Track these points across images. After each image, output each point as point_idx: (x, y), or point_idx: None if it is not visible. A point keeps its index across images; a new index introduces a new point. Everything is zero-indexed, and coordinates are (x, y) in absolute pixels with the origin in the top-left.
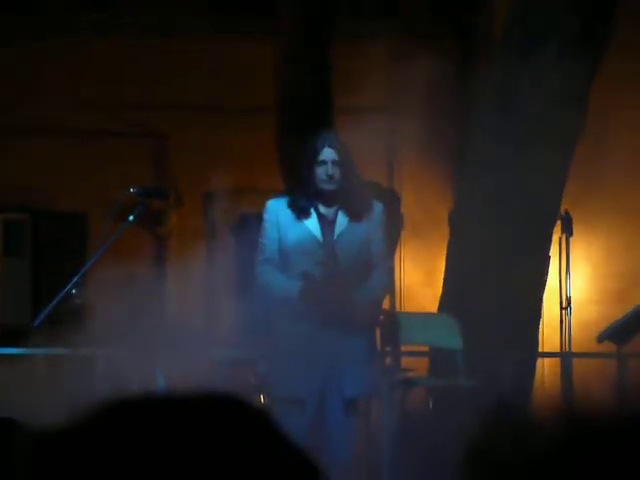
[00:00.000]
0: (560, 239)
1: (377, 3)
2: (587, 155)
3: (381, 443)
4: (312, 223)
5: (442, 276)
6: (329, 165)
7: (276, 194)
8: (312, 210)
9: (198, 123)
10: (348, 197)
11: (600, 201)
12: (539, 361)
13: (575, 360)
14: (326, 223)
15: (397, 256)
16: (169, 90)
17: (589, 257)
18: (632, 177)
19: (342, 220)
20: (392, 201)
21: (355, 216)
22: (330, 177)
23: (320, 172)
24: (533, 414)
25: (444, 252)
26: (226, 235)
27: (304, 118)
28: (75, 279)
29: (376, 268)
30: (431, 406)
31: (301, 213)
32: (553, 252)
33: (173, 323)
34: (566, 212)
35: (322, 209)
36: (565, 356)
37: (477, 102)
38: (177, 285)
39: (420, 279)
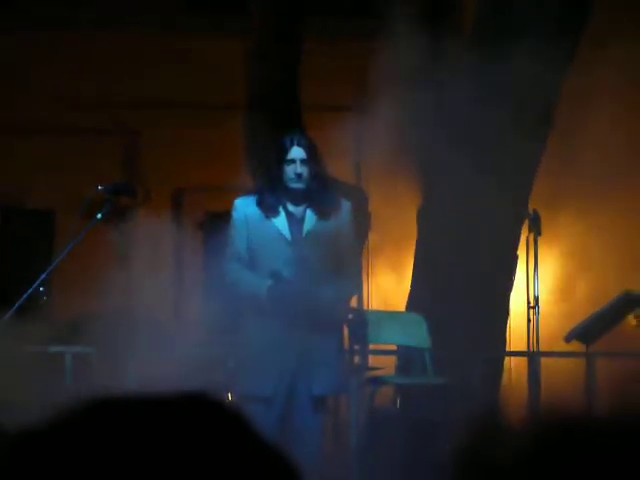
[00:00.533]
0: (527, 238)
1: (345, 2)
2: (556, 152)
3: (350, 441)
4: (280, 221)
5: (410, 275)
6: (297, 164)
7: (245, 192)
8: (280, 209)
9: (169, 120)
10: (316, 196)
11: (569, 200)
12: (506, 360)
13: (543, 359)
14: (294, 221)
15: (365, 255)
16: (141, 86)
17: (557, 256)
18: (602, 175)
19: (310, 218)
20: (360, 200)
21: (323, 214)
22: (298, 175)
23: (288, 171)
24: (501, 413)
25: (412, 251)
26: (194, 232)
27: (273, 115)
28: (42, 277)
29: (345, 268)
30: (399, 404)
31: (269, 211)
32: (520, 251)
33: (141, 321)
34: (534, 211)
35: (290, 207)
36: (533, 355)
37: (446, 94)
38: (144, 283)
39: (389, 278)
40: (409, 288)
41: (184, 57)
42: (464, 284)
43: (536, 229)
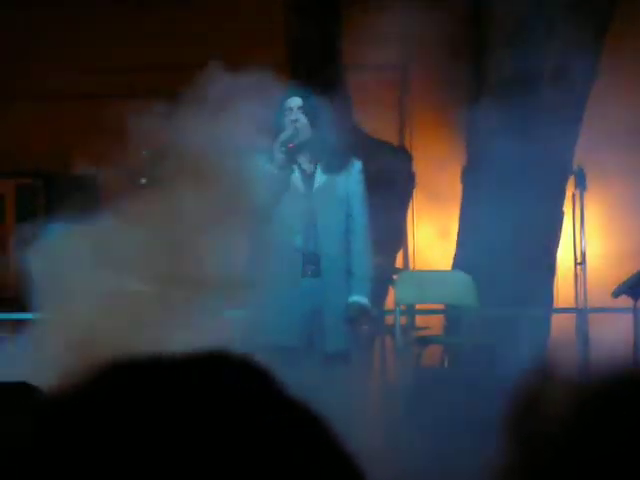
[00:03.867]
0: (574, 194)
1: None
2: (599, 107)
3: (398, 401)
4: (294, 176)
5: (456, 234)
6: (294, 110)
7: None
8: (293, 165)
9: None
10: (325, 151)
11: (614, 155)
12: (554, 317)
13: (591, 315)
14: (306, 176)
15: (410, 214)
16: (183, 51)
17: (603, 212)
18: None
19: (320, 174)
20: (404, 159)
21: (332, 170)
22: (294, 122)
23: (286, 120)
24: (549, 372)
25: (457, 210)
26: None
27: (312, 71)
28: None
29: (353, 234)
30: (447, 364)
31: (282, 168)
32: (567, 208)
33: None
34: (579, 167)
35: (302, 162)
36: (580, 312)
37: (490, 54)
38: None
39: (433, 237)
40: (454, 247)
41: (232, 20)
42: (510, 242)
43: (581, 185)
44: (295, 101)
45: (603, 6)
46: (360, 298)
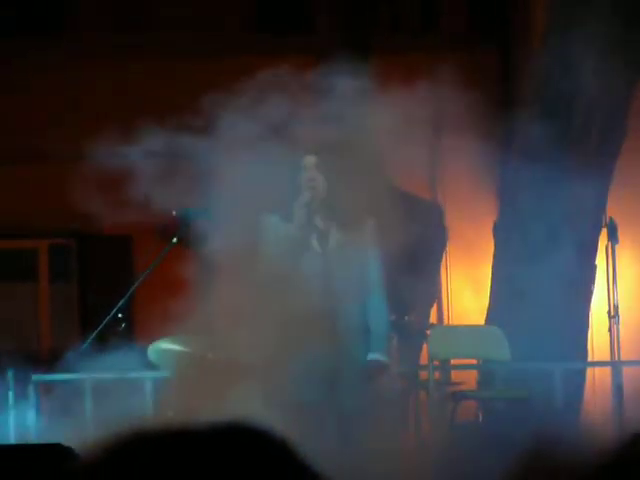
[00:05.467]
0: (606, 247)
1: (414, 17)
2: (630, 159)
3: (431, 456)
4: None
5: (489, 288)
6: (310, 169)
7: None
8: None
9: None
10: (339, 210)
11: None
12: (589, 370)
13: (625, 369)
14: (320, 235)
15: (443, 268)
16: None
17: (635, 264)
18: None
19: (335, 233)
20: (436, 214)
21: (346, 229)
22: (310, 180)
23: (303, 178)
24: (584, 428)
25: (490, 264)
26: None
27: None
28: (120, 303)
29: (369, 292)
30: (481, 419)
31: (302, 228)
32: (599, 260)
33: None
34: (611, 219)
35: (317, 221)
36: (615, 365)
37: (519, 107)
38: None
39: (467, 291)
40: (488, 302)
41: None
42: (543, 296)
43: (613, 237)
44: (311, 159)
45: (632, 59)
46: (379, 355)
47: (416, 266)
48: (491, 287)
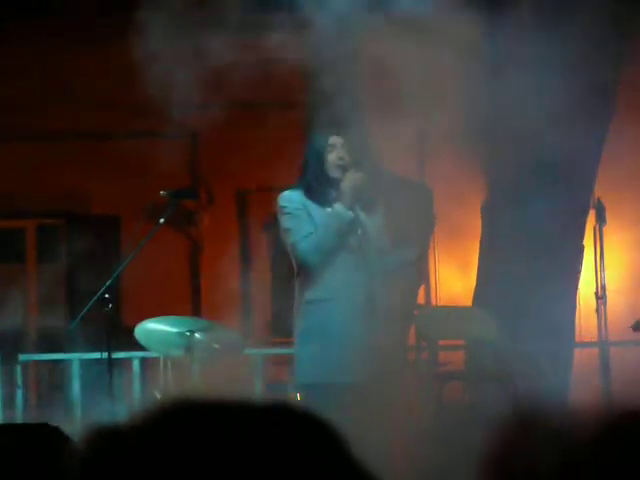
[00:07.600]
0: (594, 228)
1: None
2: (618, 140)
3: (419, 436)
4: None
5: (476, 269)
6: (338, 148)
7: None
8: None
9: (229, 121)
10: (364, 191)
11: (633, 187)
12: (576, 351)
13: (612, 349)
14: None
15: (431, 251)
16: (199, 88)
17: (623, 245)
18: None
19: (359, 214)
20: (424, 196)
21: (369, 211)
22: (340, 159)
23: (331, 158)
24: (572, 408)
25: (477, 247)
26: (259, 234)
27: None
28: (108, 282)
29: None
30: (468, 399)
31: (322, 201)
32: (587, 241)
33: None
34: (599, 200)
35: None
36: (602, 345)
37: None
38: (212, 285)
39: (454, 273)
40: (475, 284)
41: (243, 55)
42: (530, 277)
43: (601, 218)
44: (338, 138)
45: (618, 45)
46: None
47: (404, 246)
48: (478, 269)
